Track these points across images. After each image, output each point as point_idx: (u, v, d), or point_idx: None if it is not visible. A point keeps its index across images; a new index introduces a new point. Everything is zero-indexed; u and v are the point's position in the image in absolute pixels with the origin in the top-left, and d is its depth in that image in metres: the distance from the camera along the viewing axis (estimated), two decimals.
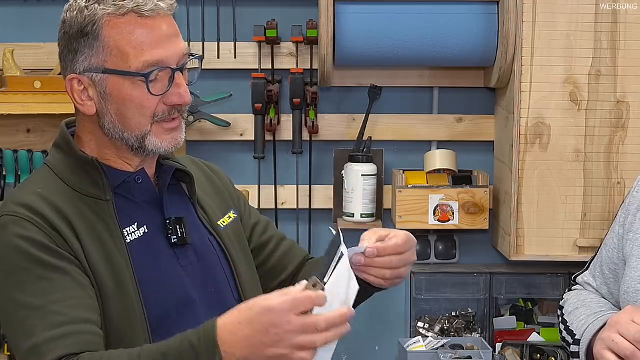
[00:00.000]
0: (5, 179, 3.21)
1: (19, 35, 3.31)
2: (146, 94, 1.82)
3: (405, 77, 3.39)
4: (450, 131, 3.40)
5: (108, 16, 1.81)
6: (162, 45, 1.82)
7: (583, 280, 2.17)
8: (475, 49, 3.14)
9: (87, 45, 1.83)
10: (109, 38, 1.82)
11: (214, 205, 2.04)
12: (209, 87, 3.30)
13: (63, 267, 1.77)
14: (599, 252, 2.14)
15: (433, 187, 3.21)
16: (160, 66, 1.82)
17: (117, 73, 1.83)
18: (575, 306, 2.08)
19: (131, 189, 1.91)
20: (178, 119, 1.88)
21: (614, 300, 2.08)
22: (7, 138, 3.29)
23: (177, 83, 1.84)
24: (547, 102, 3.05)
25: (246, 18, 3.29)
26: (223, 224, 2.03)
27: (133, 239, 1.87)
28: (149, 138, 1.86)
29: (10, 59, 3.14)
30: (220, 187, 2.10)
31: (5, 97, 3.11)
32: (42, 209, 1.80)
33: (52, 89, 3.10)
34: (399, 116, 3.39)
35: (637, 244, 1.99)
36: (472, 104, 3.41)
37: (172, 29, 1.85)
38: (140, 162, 1.91)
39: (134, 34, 1.81)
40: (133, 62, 1.82)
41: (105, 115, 1.85)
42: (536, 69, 3.03)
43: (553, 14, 3.01)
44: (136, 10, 1.81)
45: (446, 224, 3.18)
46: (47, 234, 1.78)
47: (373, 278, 1.89)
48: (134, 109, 1.84)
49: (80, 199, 1.85)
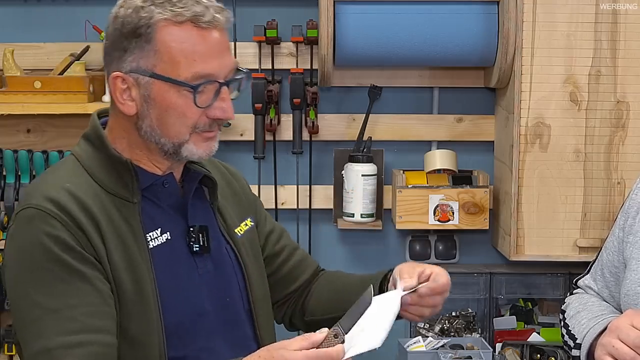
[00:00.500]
0: (5, 179, 3.21)
1: (19, 35, 3.31)
2: (191, 104, 1.81)
3: (405, 77, 3.39)
4: (450, 131, 3.40)
5: (164, 21, 1.79)
6: (214, 58, 1.82)
7: (584, 283, 2.18)
8: (475, 49, 3.14)
9: (138, 46, 1.81)
10: (162, 43, 1.79)
11: (232, 211, 2.04)
12: None
13: (84, 271, 1.76)
14: (600, 256, 2.14)
15: (433, 187, 3.21)
16: (209, 79, 1.81)
17: (165, 80, 1.81)
18: (577, 310, 2.08)
19: (158, 192, 1.91)
20: (216, 129, 1.88)
21: (615, 303, 2.08)
22: (7, 138, 3.30)
23: (222, 97, 1.83)
24: (547, 102, 3.04)
25: (246, 18, 3.29)
26: (240, 232, 2.02)
27: (156, 244, 1.86)
28: (186, 146, 1.86)
29: (10, 59, 3.13)
30: (238, 192, 2.10)
31: (5, 97, 3.11)
32: (69, 206, 1.78)
33: (52, 89, 3.10)
34: (399, 116, 3.39)
35: (637, 246, 1.99)
36: (472, 104, 3.41)
37: (225, 43, 1.85)
38: (170, 166, 1.91)
39: (188, 43, 1.80)
40: (183, 71, 1.80)
41: (144, 118, 1.84)
42: (536, 69, 3.02)
43: (553, 14, 3.01)
44: (194, 20, 1.80)
45: (446, 224, 3.18)
46: (73, 234, 1.77)
47: (411, 316, 1.97)
48: (175, 117, 1.83)
49: (107, 197, 1.84)
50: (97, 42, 3.18)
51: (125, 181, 1.86)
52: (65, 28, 3.30)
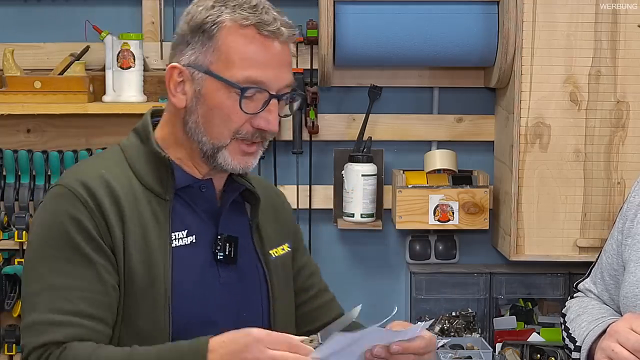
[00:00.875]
0: (5, 179, 3.21)
1: (19, 35, 3.31)
2: (237, 108, 1.81)
3: (405, 77, 3.39)
4: (450, 131, 3.40)
5: (230, 22, 1.83)
6: (270, 68, 1.83)
7: (584, 287, 2.17)
8: (475, 49, 3.14)
9: (199, 41, 1.84)
10: (223, 43, 1.82)
11: (271, 232, 2.02)
12: None
13: (94, 259, 1.78)
14: (599, 259, 2.14)
15: (433, 187, 3.21)
16: (260, 87, 1.82)
17: (217, 78, 1.83)
18: (577, 313, 2.08)
19: (193, 195, 1.91)
20: (258, 145, 1.87)
21: (615, 306, 2.08)
22: (7, 138, 3.29)
23: (270, 109, 1.83)
24: (547, 102, 3.04)
25: None
26: (275, 254, 2.00)
27: (179, 244, 1.86)
28: (223, 152, 1.85)
29: (10, 59, 3.13)
30: (281, 216, 2.08)
31: (5, 97, 3.11)
32: (98, 192, 1.81)
33: (52, 89, 3.10)
34: (399, 116, 3.39)
35: (635, 248, 1.99)
36: (472, 104, 3.41)
37: (286, 58, 1.86)
38: (209, 171, 1.91)
39: (247, 47, 1.82)
40: (236, 72, 1.82)
41: (192, 113, 1.86)
42: (536, 69, 3.02)
43: (553, 14, 3.01)
44: (257, 26, 1.82)
45: (446, 224, 3.18)
46: (94, 220, 1.79)
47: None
48: (219, 118, 1.84)
49: (142, 191, 1.86)
50: (97, 42, 3.20)
51: (161, 177, 1.87)
52: (65, 28, 3.31)
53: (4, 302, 3.17)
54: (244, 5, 1.84)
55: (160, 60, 3.32)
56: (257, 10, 1.84)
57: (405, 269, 3.42)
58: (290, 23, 1.89)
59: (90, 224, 1.79)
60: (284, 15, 1.90)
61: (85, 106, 3.10)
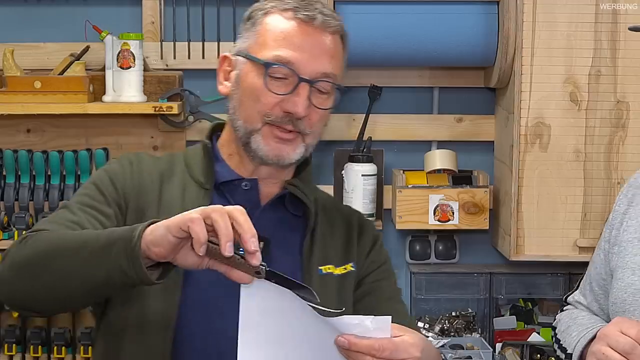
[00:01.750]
0: (5, 179, 3.22)
1: (19, 35, 3.30)
2: (265, 87, 1.82)
3: (405, 77, 3.39)
4: (450, 131, 3.40)
5: (272, 8, 1.88)
6: (301, 51, 1.84)
7: (574, 299, 2.18)
8: (475, 49, 3.14)
9: (247, 29, 1.90)
10: (262, 26, 1.87)
11: (331, 250, 1.95)
12: (209, 87, 3.28)
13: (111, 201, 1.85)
14: (588, 270, 2.15)
15: (433, 187, 3.21)
16: (287, 66, 1.82)
17: (250, 58, 1.86)
18: (567, 325, 2.09)
19: (234, 192, 1.91)
20: (294, 134, 1.86)
21: (605, 316, 2.08)
22: (7, 138, 3.29)
23: (298, 92, 1.83)
24: (547, 102, 3.04)
25: None
26: (325, 270, 1.92)
27: None
28: (255, 137, 1.86)
29: (10, 59, 3.13)
30: (354, 237, 1.99)
31: (5, 97, 3.10)
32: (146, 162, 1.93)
33: (52, 89, 3.10)
34: (399, 116, 3.39)
35: (622, 255, 1.99)
36: (472, 104, 3.42)
37: (322, 46, 1.87)
38: (254, 171, 1.91)
39: (281, 29, 1.85)
40: (267, 52, 1.85)
41: (232, 100, 1.90)
42: (536, 69, 3.02)
43: (553, 14, 3.01)
44: (295, 10, 1.85)
45: (446, 224, 3.18)
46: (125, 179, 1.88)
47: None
48: (250, 99, 1.86)
49: (188, 178, 1.91)
50: (97, 42, 3.20)
51: (204, 168, 1.90)
52: (65, 28, 3.31)
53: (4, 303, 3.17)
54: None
55: (160, 60, 3.32)
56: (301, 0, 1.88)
57: (405, 269, 3.42)
58: (334, 15, 1.91)
59: (119, 179, 1.88)
60: (334, 13, 1.92)
61: (85, 106, 3.10)
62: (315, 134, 1.90)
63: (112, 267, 1.59)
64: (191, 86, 3.29)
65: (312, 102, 1.85)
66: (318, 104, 1.86)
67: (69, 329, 3.23)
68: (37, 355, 3.23)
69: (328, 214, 1.98)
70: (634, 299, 1.94)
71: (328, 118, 1.94)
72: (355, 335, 1.59)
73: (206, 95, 3.27)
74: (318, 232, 1.94)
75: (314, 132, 1.88)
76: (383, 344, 1.59)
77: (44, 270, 1.67)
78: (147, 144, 3.34)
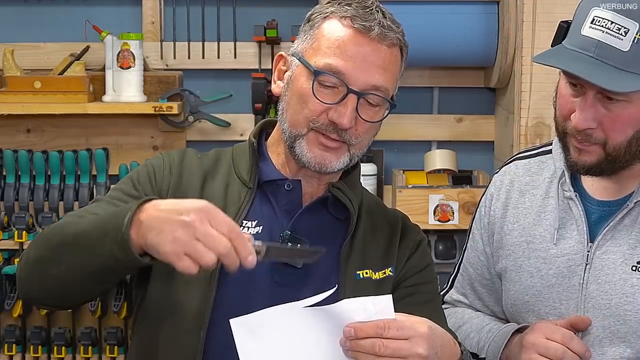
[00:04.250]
0: (6, 179, 3.23)
1: (19, 35, 3.34)
2: (313, 94, 1.81)
3: (405, 77, 3.33)
4: (450, 131, 3.41)
5: (332, 14, 1.85)
6: (353, 61, 1.81)
7: (452, 298, 2.19)
8: (475, 49, 3.15)
9: (305, 30, 1.89)
10: (320, 31, 1.85)
11: (372, 254, 1.93)
12: (209, 87, 3.32)
13: None
14: (464, 271, 2.16)
15: (433, 187, 3.21)
16: (337, 76, 1.80)
17: (302, 62, 1.85)
18: (458, 324, 2.10)
19: (277, 192, 1.90)
20: (339, 143, 1.83)
21: (489, 311, 2.14)
22: (7, 138, 3.33)
23: (346, 103, 1.80)
24: (547, 102, 3.00)
25: (246, 18, 3.32)
26: (363, 275, 1.90)
27: (244, 232, 1.80)
28: (300, 141, 1.84)
29: (10, 59, 3.15)
30: (394, 242, 1.97)
31: (5, 97, 3.13)
32: (190, 158, 1.94)
33: (52, 89, 3.13)
34: (399, 116, 3.38)
35: (511, 258, 2.01)
36: (472, 104, 3.43)
37: (375, 59, 1.82)
38: (297, 172, 1.90)
39: (337, 37, 1.82)
40: (319, 58, 1.83)
41: (282, 100, 1.89)
42: (536, 69, 3.01)
43: (553, 14, 3.00)
44: (353, 19, 1.82)
45: (446, 224, 3.19)
46: (164, 175, 1.89)
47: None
48: (298, 103, 1.84)
49: (233, 176, 1.91)
50: (97, 42, 3.23)
51: (250, 167, 1.90)
52: (65, 28, 3.34)
53: (4, 302, 3.19)
54: (355, 2, 1.85)
55: (160, 60, 3.35)
56: (362, 6, 1.85)
57: None
58: (393, 27, 1.86)
59: (158, 174, 1.90)
60: (394, 24, 1.87)
61: (85, 106, 3.12)
62: (362, 145, 1.87)
63: (109, 257, 1.61)
64: (191, 86, 3.30)
65: (359, 114, 1.82)
66: (366, 117, 1.83)
67: (69, 329, 3.25)
68: (37, 355, 3.25)
69: (372, 218, 1.96)
70: (537, 300, 1.96)
71: (377, 129, 1.91)
72: (360, 322, 1.60)
73: (206, 95, 3.28)
74: (359, 237, 1.91)
75: (360, 142, 1.85)
76: (388, 323, 1.60)
77: (52, 265, 1.69)
78: (147, 144, 3.36)
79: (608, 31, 1.78)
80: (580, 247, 1.92)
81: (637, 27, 1.77)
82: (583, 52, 1.81)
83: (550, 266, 1.95)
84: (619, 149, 1.84)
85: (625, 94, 1.78)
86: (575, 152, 1.87)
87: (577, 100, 1.84)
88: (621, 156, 1.85)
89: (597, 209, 1.95)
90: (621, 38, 1.77)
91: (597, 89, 1.79)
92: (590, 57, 1.80)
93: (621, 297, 1.87)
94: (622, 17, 1.78)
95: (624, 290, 1.87)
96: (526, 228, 2.01)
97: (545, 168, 2.04)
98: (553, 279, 1.94)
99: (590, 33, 1.81)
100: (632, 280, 1.87)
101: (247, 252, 1.55)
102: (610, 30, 1.78)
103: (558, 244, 1.95)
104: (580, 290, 1.91)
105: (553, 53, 1.89)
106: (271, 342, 1.61)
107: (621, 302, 1.87)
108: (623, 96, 1.79)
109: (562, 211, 1.96)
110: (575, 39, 1.84)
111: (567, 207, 1.96)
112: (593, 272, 1.90)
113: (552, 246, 1.95)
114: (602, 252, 1.90)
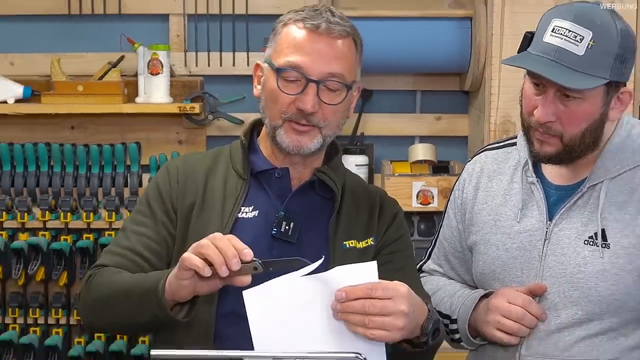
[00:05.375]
0: (53, 168, 3.21)
1: (64, 47, 3.33)
2: (279, 89, 1.86)
3: (393, 82, 3.40)
4: (431, 128, 3.42)
5: (289, 21, 1.89)
6: (309, 55, 1.84)
7: (429, 268, 2.19)
8: (451, 58, 3.16)
9: (271, 39, 1.92)
10: (281, 36, 1.89)
11: (356, 226, 1.94)
12: (226, 90, 3.32)
13: (158, 214, 1.90)
14: (440, 245, 2.15)
15: (416, 175, 3.21)
16: (296, 70, 1.84)
17: (269, 64, 1.89)
18: (433, 290, 2.09)
19: (269, 180, 1.93)
20: (309, 127, 1.86)
21: (460, 279, 2.13)
22: (55, 134, 3.32)
23: (307, 92, 1.84)
24: (513, 103, 2.95)
25: (257, 31, 3.29)
26: (349, 245, 1.92)
27: (244, 217, 1.89)
28: (279, 131, 1.87)
29: (57, 66, 3.17)
30: (375, 215, 1.97)
31: (53, 98, 3.14)
32: (191, 163, 1.96)
33: (93, 92, 3.13)
34: (387, 115, 3.42)
35: (481, 234, 2.02)
36: (449, 104, 3.43)
37: (330, 51, 1.85)
38: (283, 160, 1.93)
39: (294, 37, 1.86)
40: (281, 59, 1.86)
41: (261, 100, 1.93)
42: (504, 75, 2.99)
43: (518, 28, 2.88)
44: (304, 21, 1.86)
45: (427, 206, 3.19)
46: (170, 185, 1.92)
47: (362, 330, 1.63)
48: (271, 101, 1.88)
49: (230, 171, 1.94)
50: (130, 52, 3.22)
51: (243, 161, 1.93)
52: (103, 40, 3.32)
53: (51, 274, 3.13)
54: (307, 9, 1.90)
55: (184, 68, 3.33)
56: (312, 10, 1.89)
57: None
58: (340, 22, 1.87)
59: (165, 188, 1.92)
60: (343, 20, 1.89)
61: (121, 107, 3.14)
62: (332, 126, 1.89)
63: (151, 314, 1.72)
64: (211, 89, 3.29)
65: (322, 99, 1.85)
66: (327, 100, 1.86)
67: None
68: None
69: (354, 195, 1.97)
70: (502, 269, 1.97)
71: (346, 112, 1.93)
72: (349, 286, 1.63)
73: (224, 97, 3.28)
74: (343, 213, 1.93)
75: (328, 124, 1.88)
76: (374, 285, 1.63)
77: (106, 312, 1.82)
78: (173, 139, 3.35)
79: (566, 38, 1.79)
80: (541, 225, 1.93)
81: (591, 35, 1.78)
82: (545, 56, 1.81)
83: (514, 241, 1.95)
84: (575, 140, 1.84)
85: (580, 91, 1.79)
86: (538, 144, 1.87)
87: (539, 98, 1.84)
88: (576, 147, 1.85)
89: (555, 192, 1.95)
90: (577, 44, 1.78)
91: (556, 87, 1.80)
92: (551, 60, 1.80)
93: (575, 267, 1.88)
94: (578, 27, 1.79)
95: (577, 261, 1.88)
96: (494, 208, 2.01)
97: (511, 157, 2.03)
98: (516, 252, 1.94)
99: (551, 40, 1.81)
100: (584, 252, 1.88)
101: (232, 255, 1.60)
102: (568, 38, 1.79)
103: (521, 221, 1.95)
104: (539, 262, 1.92)
105: (519, 57, 1.89)
106: (275, 309, 1.63)
107: (574, 271, 1.88)
108: (578, 94, 1.80)
109: (525, 194, 1.96)
110: (538, 46, 1.84)
111: (529, 191, 1.96)
112: (551, 246, 1.91)
113: (516, 224, 1.96)
114: (559, 229, 1.91)
